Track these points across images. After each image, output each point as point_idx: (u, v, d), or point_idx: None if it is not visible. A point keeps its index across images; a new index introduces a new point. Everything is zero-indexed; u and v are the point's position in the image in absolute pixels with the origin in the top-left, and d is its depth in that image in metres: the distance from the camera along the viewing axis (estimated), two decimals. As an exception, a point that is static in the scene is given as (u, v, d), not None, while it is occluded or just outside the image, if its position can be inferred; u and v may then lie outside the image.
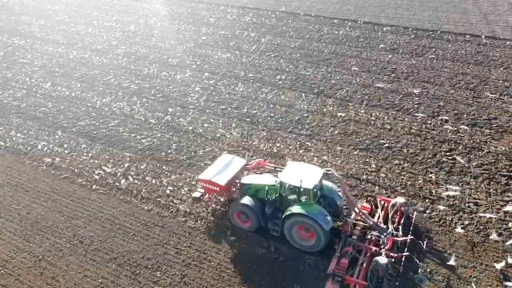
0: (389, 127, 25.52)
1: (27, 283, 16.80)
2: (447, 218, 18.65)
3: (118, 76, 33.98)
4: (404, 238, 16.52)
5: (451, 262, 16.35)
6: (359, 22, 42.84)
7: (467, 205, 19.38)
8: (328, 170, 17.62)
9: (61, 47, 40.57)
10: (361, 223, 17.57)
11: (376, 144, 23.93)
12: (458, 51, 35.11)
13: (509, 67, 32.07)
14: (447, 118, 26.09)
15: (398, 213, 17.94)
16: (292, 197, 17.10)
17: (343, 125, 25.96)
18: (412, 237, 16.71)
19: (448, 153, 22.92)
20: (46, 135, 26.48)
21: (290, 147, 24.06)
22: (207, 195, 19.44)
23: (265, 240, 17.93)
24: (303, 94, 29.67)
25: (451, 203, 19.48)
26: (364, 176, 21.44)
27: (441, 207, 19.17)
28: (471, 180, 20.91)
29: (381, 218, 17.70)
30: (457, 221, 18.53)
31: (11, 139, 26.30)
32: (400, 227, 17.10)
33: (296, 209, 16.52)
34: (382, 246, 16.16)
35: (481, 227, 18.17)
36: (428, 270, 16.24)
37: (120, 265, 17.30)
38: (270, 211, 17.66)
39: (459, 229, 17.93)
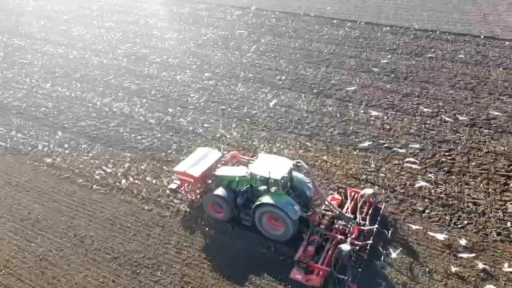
0: (388, 127, 25.61)
1: (28, 283, 16.89)
2: (445, 217, 18.75)
3: (118, 76, 34.06)
4: (369, 227, 17.23)
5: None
6: (358, 22, 42.91)
7: (466, 204, 19.47)
8: (298, 162, 18.53)
9: (61, 48, 40.65)
10: (330, 213, 18.12)
11: (376, 144, 24.01)
12: (458, 51, 35.19)
13: (508, 67, 32.15)
14: (446, 118, 26.18)
15: (367, 204, 18.53)
16: (262, 188, 17.70)
17: (343, 125, 26.04)
18: (377, 226, 17.35)
19: (447, 153, 23.01)
20: (47, 135, 26.56)
21: (290, 147, 24.14)
22: (183, 186, 20.01)
23: (264, 240, 18.02)
24: (302, 95, 29.75)
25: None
26: (364, 176, 21.53)
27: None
28: (470, 180, 21.00)
29: (349, 208, 18.27)
30: (456, 220, 18.65)
31: (11, 139, 26.38)
32: (367, 217, 17.77)
33: (265, 199, 17.18)
34: (348, 235, 16.72)
35: (480, 226, 18.27)
36: (392, 257, 16.79)
37: (121, 265, 17.39)
38: (242, 202, 18.21)
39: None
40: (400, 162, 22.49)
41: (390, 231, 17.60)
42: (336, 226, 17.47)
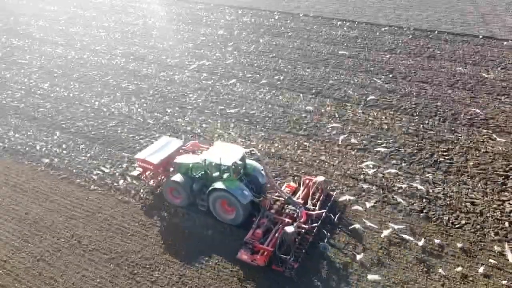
0: (386, 127, 25.60)
1: (25, 283, 16.85)
2: (443, 217, 18.76)
3: (117, 76, 34.03)
4: (316, 212, 18.30)
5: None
6: (357, 22, 42.91)
7: (464, 204, 19.47)
8: (252, 150, 20.24)
9: (60, 48, 40.61)
10: (281, 198, 18.96)
11: (374, 144, 24.01)
12: (456, 51, 35.21)
13: (506, 67, 32.18)
14: (444, 118, 26.19)
15: (319, 191, 19.62)
16: (216, 174, 18.61)
17: (341, 125, 26.02)
18: (324, 211, 18.49)
19: (445, 153, 23.01)
20: (45, 136, 26.52)
21: (288, 147, 24.13)
22: (144, 173, 20.79)
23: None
24: (301, 95, 29.74)
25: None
26: (362, 176, 21.52)
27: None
28: (468, 179, 21.00)
29: (301, 195, 19.20)
30: (454, 220, 18.64)
31: (9, 140, 26.34)
32: (318, 202, 18.90)
33: (217, 184, 18.03)
34: (297, 219, 17.63)
35: (478, 226, 18.27)
36: (337, 240, 17.75)
37: (118, 265, 17.35)
38: (197, 188, 19.18)
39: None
40: (398, 162, 22.50)
41: (336, 216, 18.64)
42: (286, 210, 18.47)
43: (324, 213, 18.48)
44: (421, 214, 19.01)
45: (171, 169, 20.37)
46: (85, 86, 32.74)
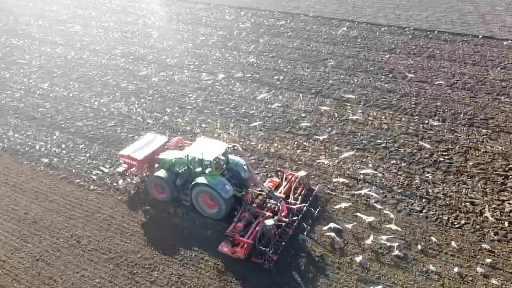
0: (386, 127, 25.59)
1: (24, 283, 16.81)
2: (443, 217, 18.75)
3: (116, 76, 34.00)
4: (297, 205, 18.64)
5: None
6: (356, 22, 42.89)
7: (463, 204, 19.45)
8: (234, 146, 20.97)
9: (59, 48, 40.58)
10: (263, 193, 19.36)
11: (373, 144, 23.99)
12: (456, 51, 35.21)
13: (506, 67, 32.17)
14: (444, 117, 26.18)
15: (302, 185, 19.91)
16: (198, 169, 18.99)
17: (341, 125, 26.02)
18: (305, 205, 18.86)
19: (445, 153, 22.99)
20: (44, 136, 26.49)
21: (288, 147, 24.11)
22: (129, 169, 21.06)
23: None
24: (300, 94, 29.73)
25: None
26: (361, 176, 21.50)
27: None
28: (468, 179, 20.99)
29: (283, 190, 19.50)
30: (453, 220, 18.63)
31: (9, 140, 26.31)
32: (300, 197, 19.24)
33: (199, 179, 18.39)
34: (278, 213, 18.11)
35: (477, 226, 18.25)
36: (317, 233, 18.10)
37: (118, 265, 17.33)
38: (181, 183, 19.48)
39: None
40: (397, 162, 22.48)
41: (317, 210, 19.04)
42: (268, 205, 18.81)
43: (305, 207, 18.86)
44: (421, 214, 18.99)
45: (157, 165, 20.61)
46: (85, 86, 32.71)
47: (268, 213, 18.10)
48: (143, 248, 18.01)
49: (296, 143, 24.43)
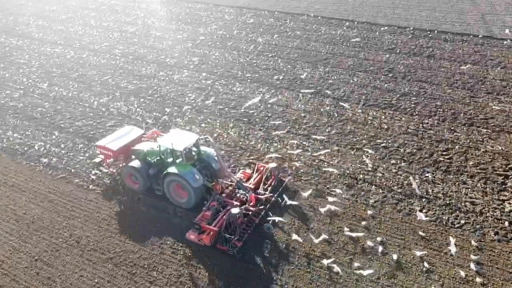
0: (386, 126, 25.54)
1: (23, 284, 16.78)
2: (443, 217, 18.70)
3: (116, 76, 33.96)
4: (266, 196, 19.33)
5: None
6: (356, 22, 42.82)
7: (463, 204, 19.41)
8: (206, 137, 22.17)
9: (59, 48, 40.53)
10: (233, 183, 20.02)
11: (373, 144, 23.95)
12: (456, 51, 35.15)
13: (506, 67, 32.12)
14: (444, 117, 26.14)
15: (272, 177, 20.60)
16: (170, 159, 19.68)
17: (340, 124, 25.97)
18: (271, 194, 19.58)
19: (444, 153, 22.94)
20: (43, 136, 26.44)
21: (287, 147, 24.07)
22: (106, 160, 21.59)
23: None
24: (300, 94, 29.68)
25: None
26: (361, 176, 21.46)
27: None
28: (468, 179, 20.94)
29: (254, 181, 20.19)
30: (453, 220, 18.58)
31: (8, 140, 26.26)
32: (269, 188, 19.98)
33: (170, 169, 19.00)
34: (247, 203, 18.85)
35: (478, 226, 18.20)
36: (284, 222, 18.65)
37: (117, 265, 17.29)
38: (153, 173, 20.01)
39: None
40: (397, 161, 22.43)
41: (284, 200, 19.44)
42: (237, 195, 19.47)
43: (273, 197, 19.54)
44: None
45: (133, 156, 21.05)
46: (84, 85, 32.67)
47: (236, 203, 18.74)
48: (142, 248, 17.97)
49: (296, 142, 24.35)
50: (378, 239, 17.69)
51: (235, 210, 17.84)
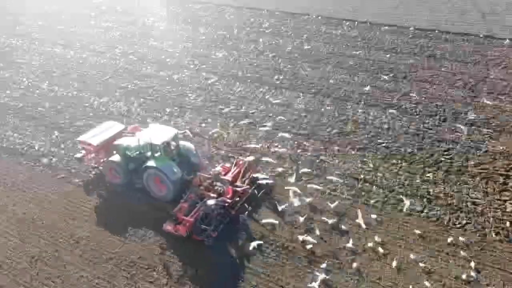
0: (386, 126, 25.47)
1: (23, 284, 16.74)
2: (444, 217, 18.65)
3: (116, 76, 33.89)
4: (242, 188, 19.76)
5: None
6: (357, 22, 42.74)
7: (464, 204, 19.34)
8: (184, 132, 22.79)
9: (59, 47, 40.45)
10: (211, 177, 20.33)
11: (374, 144, 23.88)
12: (456, 51, 35.07)
13: (507, 67, 32.04)
14: (445, 117, 26.07)
15: (250, 171, 21.00)
16: (149, 153, 20.10)
17: (341, 124, 25.91)
18: (247, 187, 20.01)
19: (445, 153, 22.88)
20: (43, 135, 26.38)
21: (288, 146, 24.00)
22: (87, 155, 21.90)
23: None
24: (301, 94, 29.61)
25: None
26: (362, 176, 21.39)
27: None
28: (469, 179, 20.87)
29: (232, 174, 20.43)
30: (455, 220, 18.52)
31: (8, 140, 26.21)
32: (246, 180, 20.32)
33: (149, 163, 19.57)
34: (224, 195, 19.28)
35: (479, 226, 18.14)
36: (257, 213, 19.24)
37: (117, 265, 17.24)
38: (133, 167, 20.56)
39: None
40: (398, 161, 22.37)
41: (261, 193, 20.02)
42: (215, 187, 19.86)
43: (249, 190, 19.99)
44: (422, 214, 18.88)
45: (115, 151, 21.36)
46: (84, 85, 32.60)
47: (213, 195, 19.16)
48: (142, 249, 17.91)
49: (296, 142, 24.29)
50: (377, 238, 17.60)
51: (210, 202, 18.39)
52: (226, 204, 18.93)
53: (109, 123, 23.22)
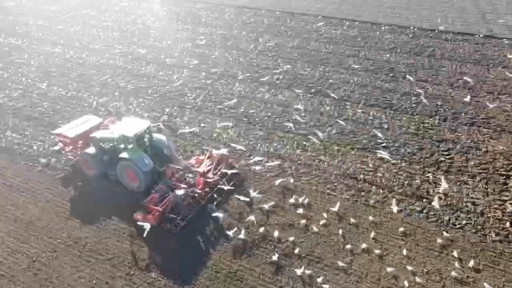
0: (386, 126, 25.39)
1: (21, 285, 16.66)
2: (444, 217, 18.57)
3: (115, 76, 33.81)
4: (213, 179, 20.39)
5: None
6: (357, 22, 42.67)
7: (464, 204, 19.26)
8: (158, 124, 23.85)
9: (58, 47, 40.37)
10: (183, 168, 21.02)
11: (374, 144, 23.80)
12: (456, 50, 35.00)
13: (507, 66, 31.96)
14: (445, 117, 26.00)
15: (222, 163, 21.74)
16: (122, 145, 20.74)
17: (341, 124, 25.82)
18: (218, 178, 20.61)
19: (445, 153, 22.80)
20: (42, 135, 26.28)
21: (287, 146, 23.93)
22: (64, 148, 22.73)
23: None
24: (300, 94, 29.52)
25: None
26: (361, 176, 21.32)
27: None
28: (469, 179, 20.79)
29: (205, 166, 21.07)
30: (454, 220, 18.44)
31: (6, 140, 26.12)
32: (218, 172, 21.02)
33: (122, 154, 20.07)
34: (194, 186, 19.95)
35: (479, 227, 18.06)
36: (227, 204, 19.92)
37: (115, 266, 17.17)
38: (107, 159, 21.10)
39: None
40: (398, 161, 22.29)
41: (231, 184, 20.58)
42: (187, 179, 20.53)
43: (220, 181, 20.55)
44: (421, 215, 18.81)
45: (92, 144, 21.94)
46: (83, 85, 32.52)
47: (183, 186, 19.82)
48: (140, 249, 17.84)
49: (295, 142, 24.22)
50: (376, 239, 17.57)
51: (179, 192, 19.09)
52: (196, 195, 19.65)
53: (87, 117, 23.86)
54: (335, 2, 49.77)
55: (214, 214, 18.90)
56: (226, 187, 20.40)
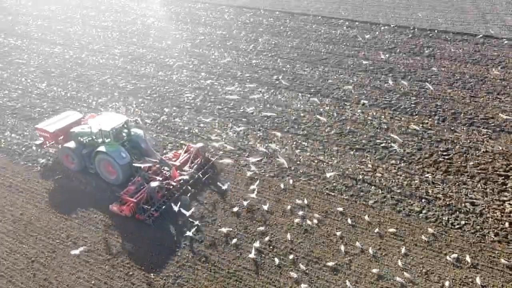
0: (385, 126, 25.39)
1: (19, 285, 16.63)
2: (443, 218, 18.56)
3: (114, 76, 33.80)
4: (188, 172, 21.04)
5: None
6: (356, 22, 42.67)
7: (463, 204, 19.25)
8: (136, 120, 24.42)
9: (58, 47, 40.37)
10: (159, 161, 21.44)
11: (373, 144, 23.79)
12: (456, 51, 34.99)
13: (506, 66, 31.95)
14: (444, 117, 25.98)
15: (199, 156, 22.35)
16: (100, 139, 21.27)
17: (340, 124, 25.82)
18: (193, 171, 21.25)
19: (444, 153, 22.79)
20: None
21: (286, 147, 23.92)
22: (46, 142, 23.13)
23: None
24: (299, 94, 29.52)
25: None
26: (360, 176, 21.31)
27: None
28: (468, 180, 20.78)
29: (182, 159, 21.73)
30: (453, 220, 18.43)
31: (5, 140, 26.12)
32: (195, 165, 21.67)
33: (99, 148, 20.64)
34: (170, 178, 20.57)
35: (478, 227, 18.05)
36: (200, 195, 20.60)
37: (114, 267, 17.15)
38: (86, 152, 21.64)
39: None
40: (397, 162, 22.28)
41: (206, 177, 21.41)
42: (163, 172, 21.07)
43: (195, 174, 21.17)
44: (420, 215, 18.80)
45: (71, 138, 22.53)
46: (83, 85, 32.52)
47: (158, 178, 20.39)
48: (139, 250, 17.83)
49: (295, 143, 24.22)
50: (375, 239, 17.55)
51: (153, 184, 19.53)
52: (171, 187, 20.23)
53: (68, 112, 24.44)
54: (335, 2, 49.76)
55: (186, 205, 19.65)
56: (224, 187, 20.79)
